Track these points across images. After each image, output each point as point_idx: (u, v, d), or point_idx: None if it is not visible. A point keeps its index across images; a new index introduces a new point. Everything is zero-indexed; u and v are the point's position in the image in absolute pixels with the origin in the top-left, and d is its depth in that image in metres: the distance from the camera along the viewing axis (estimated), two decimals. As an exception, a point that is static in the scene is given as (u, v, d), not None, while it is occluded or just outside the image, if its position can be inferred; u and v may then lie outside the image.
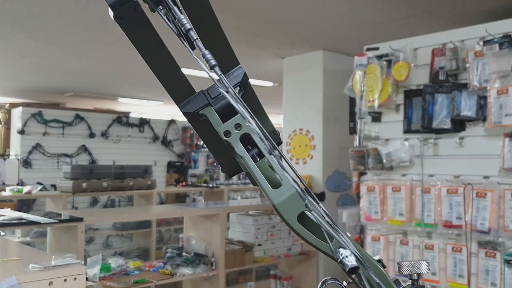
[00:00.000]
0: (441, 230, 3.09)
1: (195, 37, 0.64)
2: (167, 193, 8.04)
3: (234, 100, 0.65)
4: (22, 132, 7.40)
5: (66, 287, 1.70)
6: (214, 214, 4.05)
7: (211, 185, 7.64)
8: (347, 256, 0.60)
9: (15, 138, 7.59)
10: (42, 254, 2.12)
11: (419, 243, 3.23)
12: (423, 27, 4.13)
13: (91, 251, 6.09)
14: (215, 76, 0.66)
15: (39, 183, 6.69)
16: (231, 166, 0.79)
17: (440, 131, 3.16)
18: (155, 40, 0.70)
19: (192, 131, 9.07)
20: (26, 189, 5.40)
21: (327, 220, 0.62)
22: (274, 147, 0.66)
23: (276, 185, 0.64)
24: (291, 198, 0.63)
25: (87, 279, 2.19)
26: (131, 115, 9.09)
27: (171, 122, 9.01)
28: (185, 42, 0.67)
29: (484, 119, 2.96)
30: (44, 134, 7.58)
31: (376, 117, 3.48)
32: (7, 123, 7.66)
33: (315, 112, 5.14)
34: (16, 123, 7.57)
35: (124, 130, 8.42)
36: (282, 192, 0.63)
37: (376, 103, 3.36)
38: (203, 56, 0.64)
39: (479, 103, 2.97)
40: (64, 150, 7.74)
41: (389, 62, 3.36)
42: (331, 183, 5.10)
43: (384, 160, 3.35)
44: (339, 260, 0.61)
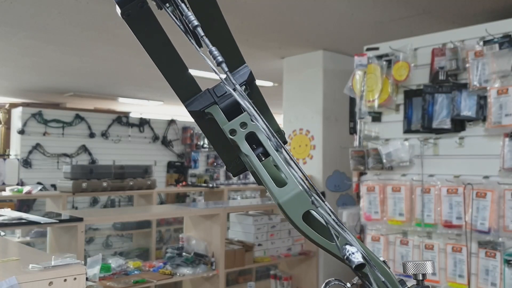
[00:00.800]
0: (441, 230, 3.09)
1: (202, 34, 0.63)
2: (167, 193, 8.03)
3: (241, 98, 0.64)
4: (22, 132, 7.40)
5: (66, 287, 1.70)
6: (214, 214, 4.05)
7: (211, 185, 7.64)
8: (353, 253, 0.60)
9: (15, 138, 7.59)
10: (42, 254, 2.12)
11: (419, 243, 3.23)
12: (423, 27, 4.12)
13: (91, 251, 6.08)
14: (222, 73, 0.65)
15: (39, 183, 6.69)
16: (236, 165, 0.79)
17: (440, 131, 3.15)
18: (162, 38, 0.69)
19: (192, 131, 9.08)
20: (26, 189, 5.40)
21: (333, 218, 0.62)
22: (280, 146, 0.65)
23: (281, 184, 0.63)
24: (296, 196, 0.62)
25: (87, 279, 2.19)
26: (131, 115, 9.09)
27: (171, 122, 9.01)
28: (192, 40, 0.66)
29: (484, 119, 2.95)
30: (44, 134, 7.58)
31: (376, 117, 3.48)
32: (7, 123, 7.67)
33: (315, 112, 5.14)
34: (16, 123, 7.57)
35: (124, 130, 8.42)
36: (287, 190, 0.62)
37: (376, 103, 3.36)
38: (210, 52, 0.63)
39: (479, 103, 2.97)
40: (64, 150, 7.75)
41: (389, 62, 3.36)
42: (331, 183, 5.10)
43: (384, 160, 3.35)
44: (345, 257, 0.60)
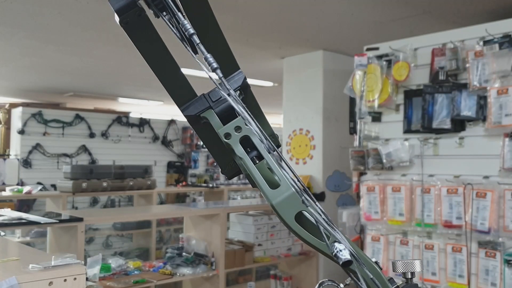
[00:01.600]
0: (441, 230, 3.09)
1: (198, 41, 0.66)
2: (167, 193, 8.04)
3: (235, 103, 0.66)
4: (22, 132, 7.40)
5: (66, 287, 1.70)
6: (214, 214, 4.05)
7: (211, 185, 7.64)
8: (341, 250, 0.62)
9: (15, 138, 7.59)
10: (42, 254, 2.12)
11: (419, 243, 3.23)
12: (423, 27, 4.12)
13: (91, 251, 6.09)
14: (217, 79, 0.67)
15: (39, 183, 6.70)
16: (230, 168, 0.81)
17: (440, 131, 3.15)
18: (159, 45, 0.72)
19: (192, 131, 9.07)
20: (26, 189, 5.40)
21: (323, 218, 0.64)
22: (273, 149, 0.67)
23: (274, 186, 0.65)
24: (289, 198, 0.64)
25: (87, 279, 2.19)
26: (131, 115, 9.09)
27: (171, 122, 9.01)
28: (188, 47, 0.69)
29: (484, 119, 2.95)
30: (44, 134, 7.58)
31: (376, 117, 3.48)
32: (7, 123, 7.67)
33: (315, 112, 5.14)
34: (16, 123, 7.57)
35: (124, 130, 8.42)
36: (280, 192, 0.65)
37: (376, 103, 3.36)
38: (206, 59, 0.66)
39: (479, 103, 2.97)
40: (64, 150, 7.75)
41: (389, 62, 3.36)
42: (331, 183, 5.09)
43: (384, 160, 3.35)
44: (333, 254, 0.63)
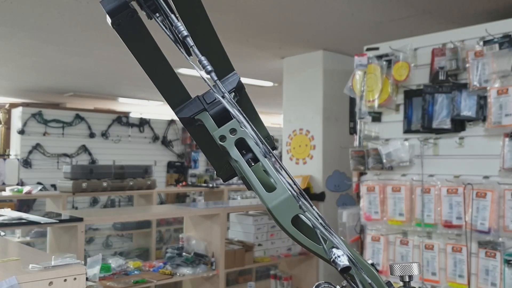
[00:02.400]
0: (441, 230, 3.09)
1: (191, 43, 0.65)
2: (167, 193, 8.04)
3: (230, 105, 0.65)
4: (22, 132, 7.40)
5: (66, 287, 1.70)
6: (214, 214, 4.05)
7: (211, 185, 7.64)
8: (339, 256, 0.61)
9: (15, 138, 7.59)
10: (42, 254, 2.12)
11: (419, 243, 3.23)
12: (423, 27, 4.12)
13: (91, 251, 6.08)
14: (211, 81, 0.66)
15: (39, 183, 6.70)
16: (226, 171, 0.80)
17: (440, 131, 3.15)
18: (152, 47, 0.71)
19: (192, 131, 9.07)
20: (26, 189, 5.40)
21: (320, 222, 0.63)
22: (269, 151, 0.66)
23: (270, 189, 0.64)
24: (285, 201, 0.63)
25: (87, 279, 2.19)
26: (131, 115, 9.09)
27: (171, 122, 9.01)
28: (181, 49, 0.68)
29: (484, 119, 2.95)
30: (44, 134, 7.58)
31: (376, 117, 3.48)
32: (7, 123, 7.67)
33: (315, 112, 5.14)
34: (16, 123, 7.57)
35: (124, 130, 8.42)
36: (276, 195, 0.64)
37: (376, 103, 3.36)
38: (200, 62, 0.65)
39: (479, 103, 2.97)
40: (64, 150, 7.75)
41: (389, 62, 3.36)
42: (331, 183, 5.09)
43: (384, 160, 3.35)
44: (331, 260, 0.62)
